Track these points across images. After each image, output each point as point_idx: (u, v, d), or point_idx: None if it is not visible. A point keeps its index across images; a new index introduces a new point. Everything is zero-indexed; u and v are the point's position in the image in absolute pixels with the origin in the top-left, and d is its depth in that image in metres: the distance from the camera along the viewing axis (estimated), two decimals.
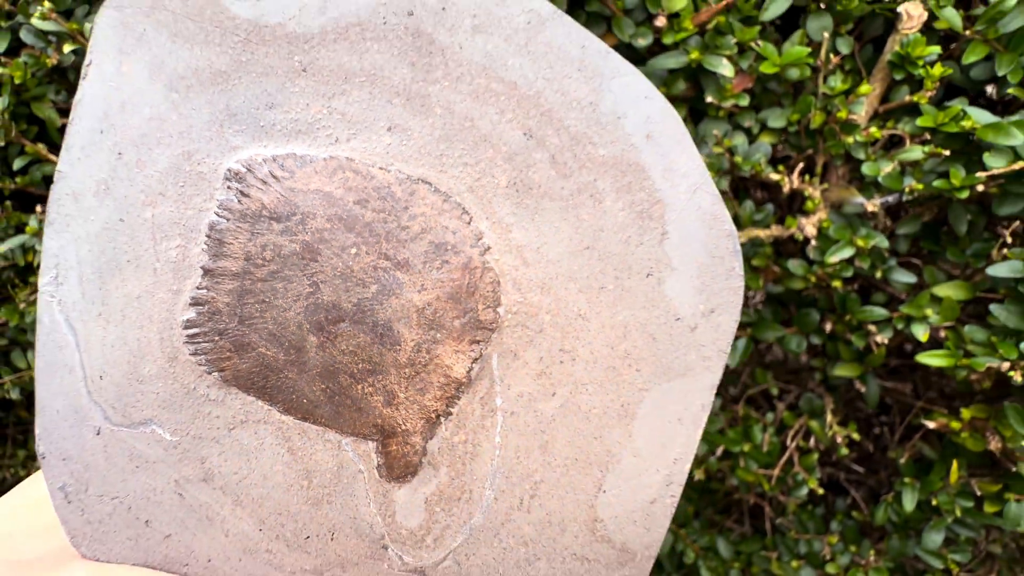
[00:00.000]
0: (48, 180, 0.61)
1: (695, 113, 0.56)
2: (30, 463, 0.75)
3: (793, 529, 0.75)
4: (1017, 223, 0.55)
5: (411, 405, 0.27)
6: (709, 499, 0.79)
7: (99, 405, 0.27)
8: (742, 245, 0.58)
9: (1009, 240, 0.54)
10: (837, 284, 0.56)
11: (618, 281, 0.28)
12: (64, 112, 0.59)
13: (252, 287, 0.27)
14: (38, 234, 0.57)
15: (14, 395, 0.65)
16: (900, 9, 0.53)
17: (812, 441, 0.68)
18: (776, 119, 0.56)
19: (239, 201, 0.26)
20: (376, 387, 0.27)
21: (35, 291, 0.61)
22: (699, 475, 0.66)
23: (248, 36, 0.27)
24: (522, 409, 0.28)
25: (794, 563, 0.73)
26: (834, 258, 0.56)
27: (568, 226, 0.27)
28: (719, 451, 0.65)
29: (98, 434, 0.28)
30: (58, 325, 0.27)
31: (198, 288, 0.27)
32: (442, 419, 0.28)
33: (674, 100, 0.55)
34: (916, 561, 0.83)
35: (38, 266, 0.60)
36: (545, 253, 0.27)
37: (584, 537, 0.28)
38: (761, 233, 0.56)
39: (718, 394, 0.71)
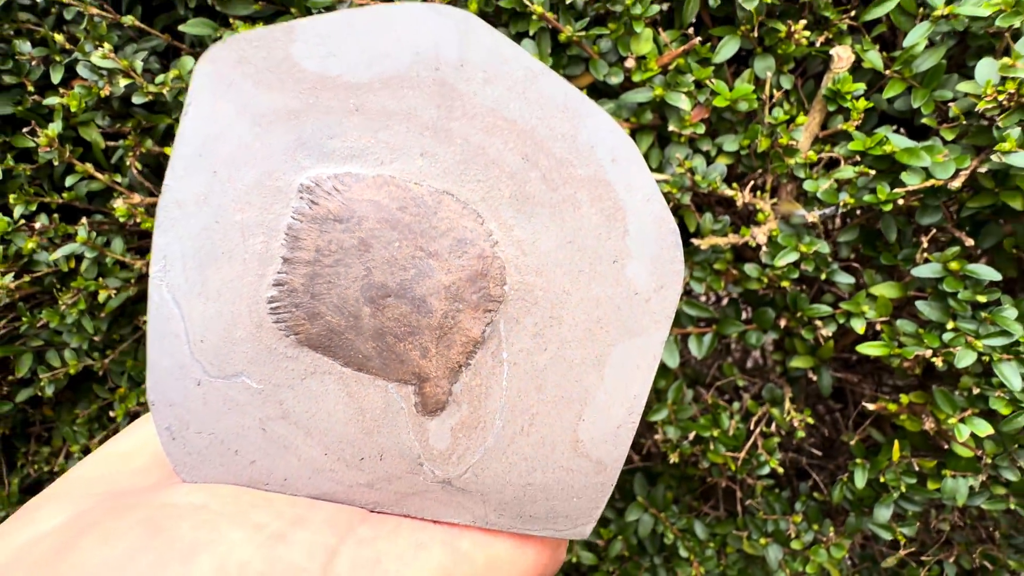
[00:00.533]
0: (91, 195, 0.70)
1: (661, 139, 0.66)
2: (53, 460, 0.83)
3: (761, 510, 0.83)
4: (935, 231, 0.65)
5: (440, 358, 0.36)
6: (687, 486, 0.88)
7: (199, 362, 0.36)
8: (704, 251, 0.68)
9: (926, 245, 0.64)
10: (786, 284, 0.66)
11: (592, 266, 0.37)
12: (108, 136, 0.68)
13: (321, 271, 0.36)
14: (87, 242, 0.65)
15: (49, 391, 0.73)
16: (832, 52, 0.63)
17: (773, 427, 0.76)
18: (730, 144, 0.65)
19: (310, 207, 0.35)
20: (414, 345, 0.36)
21: (76, 295, 0.69)
22: (674, 458, 0.75)
23: (314, 84, 0.36)
24: (522, 360, 0.37)
25: (762, 540, 0.81)
26: (782, 262, 0.65)
27: (555, 226, 0.36)
28: (691, 436, 0.74)
29: (198, 385, 0.36)
30: (166, 302, 0.36)
31: (279, 273, 0.36)
32: (463, 368, 0.36)
33: (643, 128, 0.65)
34: (881, 545, 0.92)
35: (81, 273, 0.68)
36: (538, 246, 0.36)
37: (569, 453, 0.37)
38: (720, 241, 0.65)
39: (690, 386, 0.80)
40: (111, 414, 0.75)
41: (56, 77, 0.65)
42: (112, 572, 0.31)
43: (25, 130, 0.65)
